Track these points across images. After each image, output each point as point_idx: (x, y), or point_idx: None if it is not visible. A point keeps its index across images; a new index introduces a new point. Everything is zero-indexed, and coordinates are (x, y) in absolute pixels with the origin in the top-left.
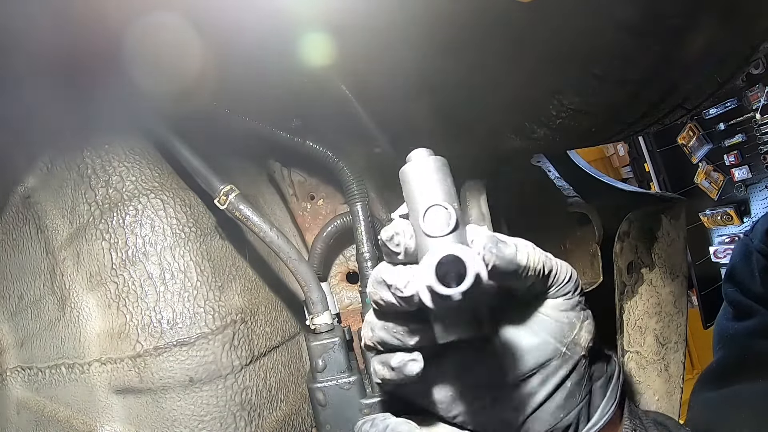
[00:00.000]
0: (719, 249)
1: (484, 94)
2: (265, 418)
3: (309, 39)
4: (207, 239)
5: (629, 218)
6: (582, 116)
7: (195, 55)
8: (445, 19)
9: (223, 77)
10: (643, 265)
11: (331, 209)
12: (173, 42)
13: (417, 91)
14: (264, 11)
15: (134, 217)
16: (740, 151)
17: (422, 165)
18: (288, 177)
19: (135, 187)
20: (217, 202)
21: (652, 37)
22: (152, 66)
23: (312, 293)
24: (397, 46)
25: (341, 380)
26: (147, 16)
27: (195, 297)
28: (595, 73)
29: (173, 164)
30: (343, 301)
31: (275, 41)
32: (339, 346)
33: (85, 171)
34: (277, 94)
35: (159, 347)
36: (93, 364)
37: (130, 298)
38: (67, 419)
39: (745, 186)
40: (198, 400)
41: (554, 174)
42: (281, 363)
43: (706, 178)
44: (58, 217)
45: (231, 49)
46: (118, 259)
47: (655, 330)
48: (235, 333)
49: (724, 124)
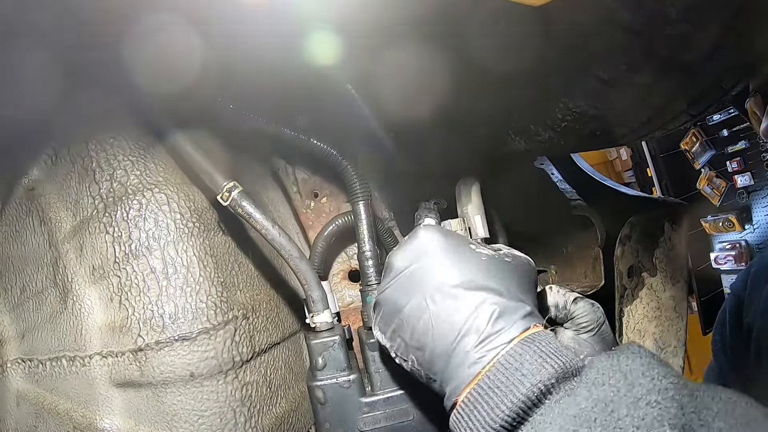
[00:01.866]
0: (720, 255)
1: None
2: (264, 414)
3: (315, 37)
4: (210, 235)
5: (631, 222)
6: (587, 120)
7: (200, 50)
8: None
9: (228, 73)
10: (643, 269)
11: (334, 207)
12: (178, 37)
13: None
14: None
15: (138, 211)
16: (743, 158)
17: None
18: (292, 174)
19: (139, 181)
20: (220, 198)
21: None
22: (157, 61)
23: (312, 291)
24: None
25: (341, 379)
26: (152, 11)
27: (197, 292)
28: (601, 77)
29: (177, 159)
30: (344, 300)
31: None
32: (339, 345)
33: (90, 164)
34: (282, 91)
35: (160, 341)
36: (94, 357)
37: (132, 292)
38: (66, 412)
39: (748, 193)
40: (198, 395)
41: (557, 177)
42: (282, 360)
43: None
44: (62, 209)
45: (236, 45)
46: (121, 253)
47: (654, 334)
48: (236, 329)
49: (727, 130)
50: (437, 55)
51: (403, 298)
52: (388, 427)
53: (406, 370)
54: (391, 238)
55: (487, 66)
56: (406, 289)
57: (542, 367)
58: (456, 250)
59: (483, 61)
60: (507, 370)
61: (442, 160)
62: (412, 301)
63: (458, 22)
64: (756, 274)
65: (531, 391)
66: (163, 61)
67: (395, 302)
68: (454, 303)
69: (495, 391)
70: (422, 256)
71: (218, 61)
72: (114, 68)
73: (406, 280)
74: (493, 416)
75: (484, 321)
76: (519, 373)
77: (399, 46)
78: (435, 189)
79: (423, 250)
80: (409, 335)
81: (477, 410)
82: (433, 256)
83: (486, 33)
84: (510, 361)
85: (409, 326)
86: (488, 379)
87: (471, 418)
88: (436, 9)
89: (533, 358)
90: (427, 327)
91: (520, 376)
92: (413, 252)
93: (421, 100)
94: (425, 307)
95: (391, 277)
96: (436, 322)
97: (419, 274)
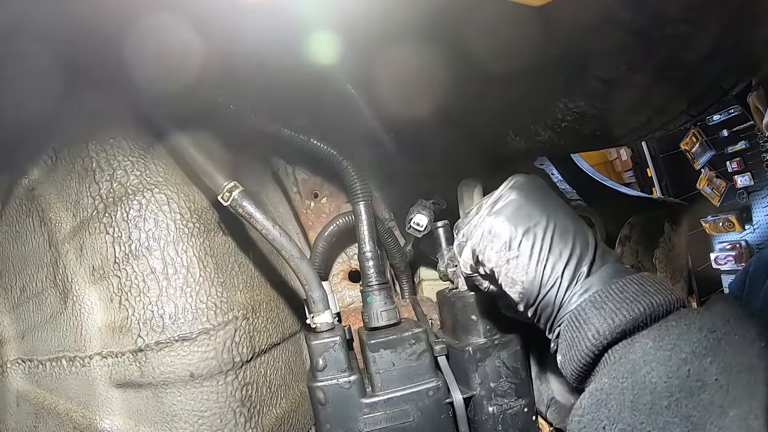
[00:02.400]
0: (720, 256)
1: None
2: (264, 414)
3: (315, 36)
4: (210, 235)
5: (631, 222)
6: (587, 120)
7: (200, 50)
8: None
9: (228, 73)
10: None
11: (334, 207)
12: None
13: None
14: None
15: (138, 211)
16: (743, 158)
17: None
18: (292, 174)
19: (139, 181)
20: (220, 198)
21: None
22: (158, 61)
23: (313, 292)
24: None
25: (341, 379)
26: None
27: (197, 292)
28: (601, 77)
29: (177, 160)
30: (344, 300)
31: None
32: (339, 346)
33: (90, 164)
34: (282, 91)
35: (160, 342)
36: (94, 357)
37: (132, 293)
38: (66, 412)
39: (748, 193)
40: (198, 395)
41: (557, 177)
42: (282, 360)
43: (709, 184)
44: (62, 209)
45: (236, 45)
46: (121, 253)
47: None
48: (236, 329)
49: (727, 130)
50: (437, 55)
51: (519, 225)
52: (389, 428)
53: (490, 288)
54: (391, 238)
55: (487, 66)
56: (519, 216)
57: (662, 292)
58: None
59: (483, 62)
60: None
61: (442, 160)
62: (524, 228)
63: (458, 22)
64: (754, 275)
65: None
66: (163, 61)
67: (508, 228)
68: (566, 231)
69: (614, 303)
70: (531, 192)
71: (218, 61)
72: (114, 68)
73: (519, 210)
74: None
75: (592, 250)
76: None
77: (399, 46)
78: (435, 189)
79: (531, 186)
80: (521, 259)
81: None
82: (538, 190)
83: (486, 33)
84: (632, 281)
85: (526, 248)
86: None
87: (585, 324)
88: (436, 9)
89: (649, 286)
90: (540, 252)
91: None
92: (521, 185)
93: (421, 100)
94: (547, 226)
95: (498, 205)
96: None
97: (531, 206)
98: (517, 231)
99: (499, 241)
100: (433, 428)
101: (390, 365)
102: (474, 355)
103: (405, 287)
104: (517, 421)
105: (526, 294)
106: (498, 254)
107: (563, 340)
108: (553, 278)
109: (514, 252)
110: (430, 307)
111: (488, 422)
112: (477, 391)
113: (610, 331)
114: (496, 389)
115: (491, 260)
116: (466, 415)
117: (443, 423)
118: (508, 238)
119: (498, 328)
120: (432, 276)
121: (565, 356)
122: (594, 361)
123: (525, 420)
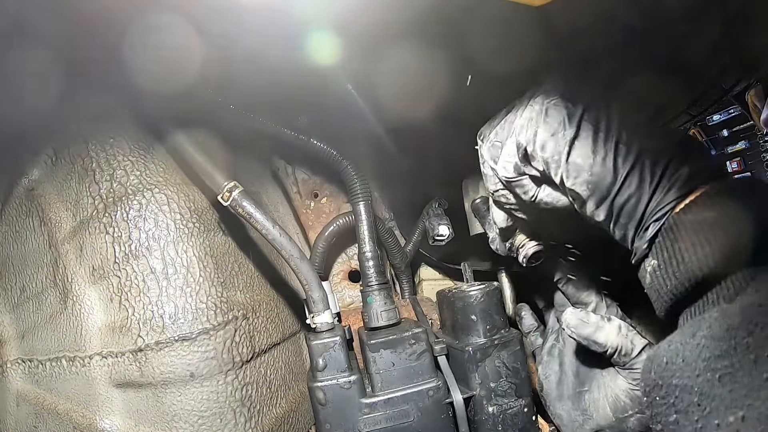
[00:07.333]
0: None
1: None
2: (264, 414)
3: (315, 37)
4: (210, 235)
5: None
6: None
7: (200, 51)
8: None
9: (228, 73)
10: None
11: (334, 207)
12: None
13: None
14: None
15: (138, 211)
16: (743, 158)
17: None
18: (292, 174)
19: (139, 181)
20: (220, 198)
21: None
22: (158, 61)
23: (313, 292)
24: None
25: (341, 379)
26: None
27: (197, 292)
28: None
29: (177, 160)
30: (344, 300)
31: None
32: (339, 346)
33: (90, 164)
34: (282, 91)
35: (160, 342)
36: (94, 357)
37: (132, 293)
38: (66, 412)
39: None
40: (198, 395)
41: None
42: (282, 360)
43: None
44: (62, 209)
45: (236, 45)
46: (121, 253)
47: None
48: (236, 329)
49: (727, 130)
50: (437, 55)
51: (578, 101)
52: (389, 428)
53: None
54: (391, 239)
55: (487, 66)
56: (575, 94)
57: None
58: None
59: (483, 61)
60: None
61: (443, 160)
62: (585, 103)
63: (459, 22)
64: None
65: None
66: (163, 61)
67: (564, 104)
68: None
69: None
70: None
71: (218, 61)
72: (114, 68)
73: (570, 89)
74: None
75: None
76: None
77: (399, 46)
78: (435, 189)
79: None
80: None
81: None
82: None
83: (486, 33)
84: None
85: (590, 123)
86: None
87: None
88: (436, 9)
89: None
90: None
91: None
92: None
93: (421, 100)
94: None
95: (542, 88)
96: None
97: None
98: (576, 107)
99: (555, 120)
100: (433, 428)
101: (390, 365)
102: (474, 355)
103: (405, 287)
104: (517, 421)
105: (595, 184)
106: (555, 136)
107: (663, 248)
108: (639, 161)
109: (575, 131)
110: (430, 307)
111: (488, 422)
112: (477, 391)
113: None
114: (496, 389)
115: (547, 146)
116: (466, 415)
117: (443, 423)
118: (566, 114)
119: (498, 328)
120: (432, 276)
121: (668, 268)
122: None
123: (525, 420)
